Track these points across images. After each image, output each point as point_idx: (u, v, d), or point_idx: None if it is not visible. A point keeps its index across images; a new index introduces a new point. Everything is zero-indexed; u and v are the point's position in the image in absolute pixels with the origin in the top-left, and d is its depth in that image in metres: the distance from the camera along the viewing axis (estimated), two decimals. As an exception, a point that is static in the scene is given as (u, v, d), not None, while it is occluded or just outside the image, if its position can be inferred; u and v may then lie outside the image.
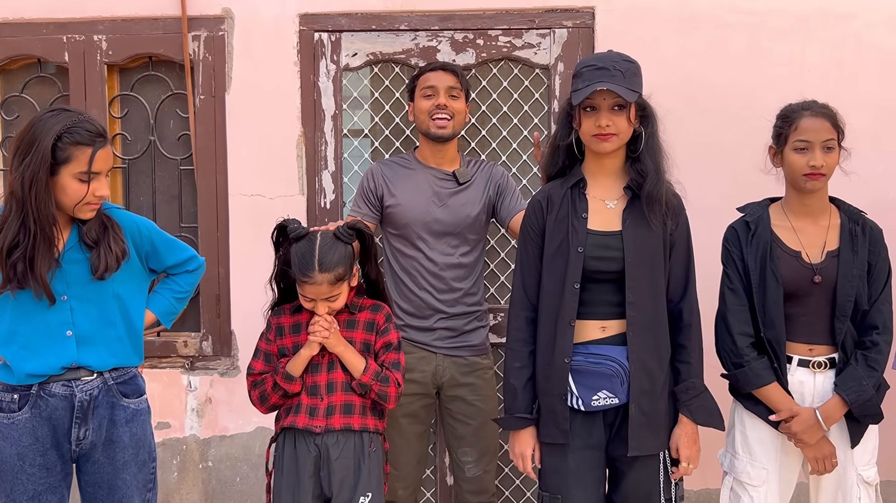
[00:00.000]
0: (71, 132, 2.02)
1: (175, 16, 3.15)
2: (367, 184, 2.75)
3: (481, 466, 2.77)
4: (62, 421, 2.14)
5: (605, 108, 2.12)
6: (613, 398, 2.15)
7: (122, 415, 2.20)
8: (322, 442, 2.30)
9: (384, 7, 3.12)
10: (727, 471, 2.45)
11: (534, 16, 3.10)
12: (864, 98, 3.02)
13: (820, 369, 2.34)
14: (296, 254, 2.27)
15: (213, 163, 3.19)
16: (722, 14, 3.06)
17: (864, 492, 2.35)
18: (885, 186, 3.02)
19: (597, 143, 2.16)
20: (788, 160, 2.36)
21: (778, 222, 2.40)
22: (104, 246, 2.13)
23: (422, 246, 2.69)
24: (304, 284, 2.26)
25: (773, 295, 2.33)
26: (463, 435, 2.75)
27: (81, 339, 2.15)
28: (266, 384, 2.34)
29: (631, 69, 2.16)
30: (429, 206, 2.69)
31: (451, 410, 2.76)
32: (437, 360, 2.71)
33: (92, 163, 2.04)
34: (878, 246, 2.37)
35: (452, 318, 2.71)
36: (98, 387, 2.18)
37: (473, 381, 2.73)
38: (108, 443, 2.19)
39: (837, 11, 3.03)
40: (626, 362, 2.15)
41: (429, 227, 2.68)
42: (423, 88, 2.69)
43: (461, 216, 2.70)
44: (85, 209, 2.09)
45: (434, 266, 2.68)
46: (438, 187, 2.71)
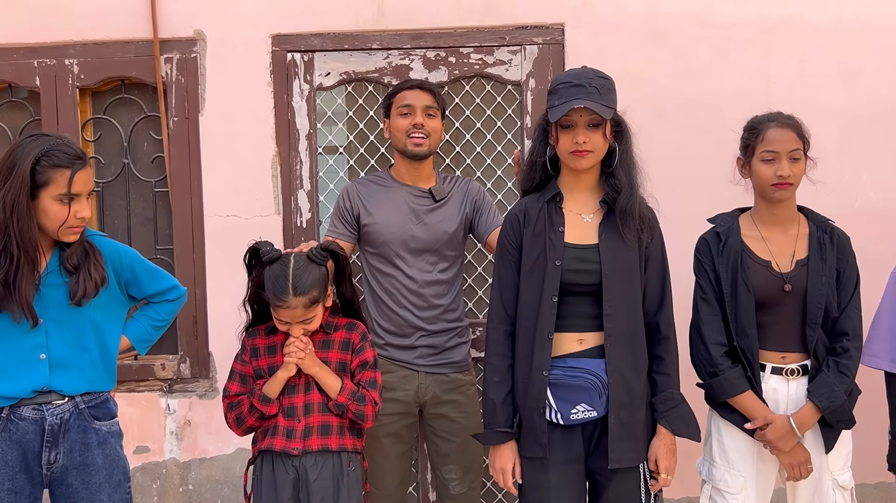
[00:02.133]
0: (49, 155, 2.04)
1: (147, 38, 3.16)
2: (343, 203, 2.75)
3: (466, 483, 2.76)
4: (32, 444, 2.14)
5: (582, 124, 2.15)
6: (592, 411, 2.17)
7: (95, 438, 2.20)
8: (300, 463, 2.30)
9: (356, 27, 3.14)
10: (705, 479, 2.48)
11: (504, 33, 3.14)
12: (828, 108, 3.08)
13: (793, 376, 2.37)
14: (269, 278, 2.27)
15: (187, 184, 3.19)
16: (688, 28, 3.12)
17: (840, 496, 2.38)
18: (851, 194, 3.09)
19: (574, 160, 2.18)
20: (756, 171, 2.40)
21: (748, 232, 2.44)
22: (84, 272, 2.14)
23: (400, 264, 2.69)
24: (279, 308, 2.25)
25: (744, 304, 2.36)
26: (447, 452, 2.75)
27: (55, 363, 2.15)
28: (242, 406, 2.33)
29: (606, 85, 2.19)
30: (406, 223, 2.69)
31: (435, 428, 2.76)
32: (419, 379, 2.71)
33: (71, 184, 2.06)
34: (845, 253, 2.42)
35: (433, 335, 2.71)
36: (69, 411, 2.18)
37: (456, 398, 2.74)
38: (81, 466, 2.18)
39: (800, 24, 3.10)
40: (604, 375, 2.17)
41: (406, 244, 2.69)
42: (399, 107, 2.68)
43: (439, 233, 2.70)
44: (68, 232, 2.10)
45: (413, 283, 2.68)
46: (415, 205, 2.71)
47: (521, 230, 2.25)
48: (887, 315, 2.50)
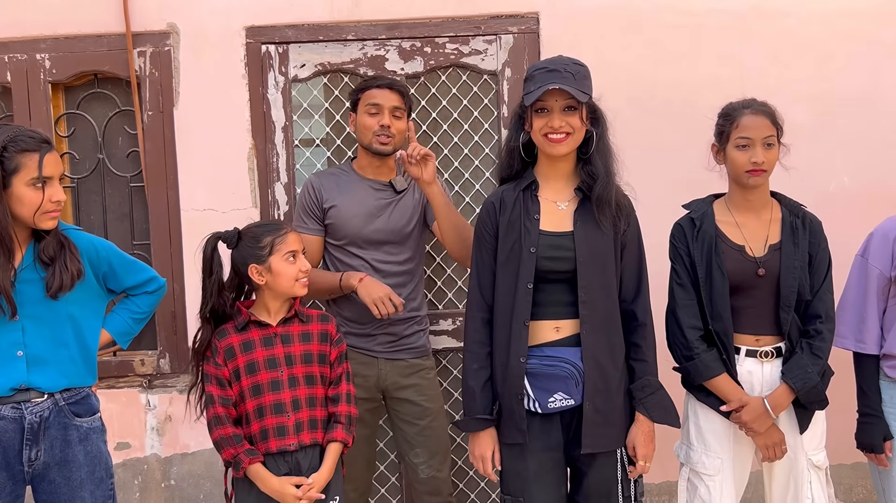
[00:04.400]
0: (15, 141, 2.05)
1: (119, 32, 3.13)
2: (308, 197, 2.76)
3: (434, 466, 2.78)
4: (12, 443, 2.13)
5: (557, 109, 2.17)
6: (569, 399, 2.19)
7: (76, 435, 2.20)
8: (292, 457, 2.31)
9: (331, 18, 3.13)
10: (683, 462, 2.51)
11: (479, 22, 3.14)
12: (802, 93, 3.11)
13: (767, 358, 2.40)
14: (256, 232, 2.32)
15: (163, 179, 3.17)
16: (663, 16, 3.13)
17: (815, 476, 2.42)
18: (824, 179, 3.13)
19: (549, 146, 2.20)
20: (731, 157, 2.42)
21: (722, 218, 2.46)
22: (60, 264, 2.13)
23: (362, 254, 2.72)
24: (286, 237, 2.30)
25: (719, 288, 2.38)
26: (412, 436, 2.78)
27: (32, 360, 2.14)
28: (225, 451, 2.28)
29: (581, 72, 2.22)
30: (368, 216, 2.71)
31: (399, 412, 2.79)
32: (379, 365, 2.74)
33: (42, 167, 2.06)
34: (818, 237, 2.45)
35: (394, 325, 2.73)
36: (49, 409, 2.17)
37: (417, 382, 2.77)
38: (62, 462, 2.18)
39: (773, 9, 3.13)
40: (581, 363, 2.19)
41: (368, 236, 2.71)
42: (367, 104, 2.69)
43: (399, 224, 2.73)
44: (45, 218, 2.10)
45: (375, 274, 2.70)
46: (376, 197, 2.74)
47: (496, 218, 2.27)
48: (852, 296, 2.56)
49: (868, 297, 2.53)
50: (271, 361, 2.29)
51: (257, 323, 2.32)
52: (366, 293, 2.61)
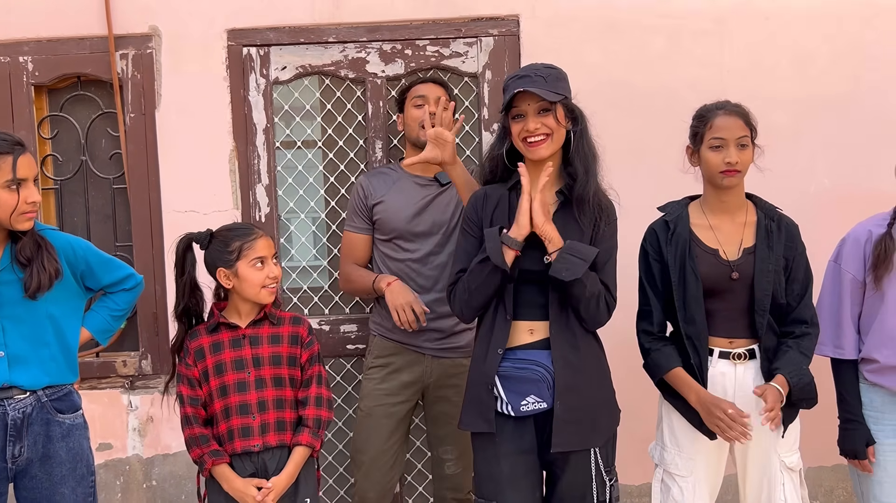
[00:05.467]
0: None
1: (102, 35, 3.15)
2: (357, 197, 2.87)
3: (461, 464, 2.85)
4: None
5: (532, 112, 2.20)
6: (542, 402, 2.21)
7: (58, 431, 2.23)
8: (259, 458, 2.33)
9: (312, 20, 3.15)
10: (657, 463, 2.52)
11: (460, 25, 3.15)
12: (782, 96, 3.13)
13: (740, 360, 2.41)
14: (226, 235, 2.33)
15: (145, 180, 3.19)
16: (642, 18, 3.15)
17: (788, 477, 2.43)
18: (804, 181, 3.14)
19: (529, 150, 2.23)
20: (705, 158, 2.43)
21: (696, 220, 2.47)
22: (37, 264, 2.16)
23: (410, 247, 2.79)
24: (256, 242, 2.30)
25: (692, 292, 2.39)
26: (445, 434, 2.84)
27: (13, 359, 2.18)
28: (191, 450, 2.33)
29: (553, 74, 2.25)
30: (414, 209, 2.79)
31: (436, 410, 2.86)
32: (425, 362, 2.80)
33: (16, 169, 2.09)
34: (794, 241, 2.45)
35: (441, 319, 2.77)
36: (31, 405, 2.20)
37: (458, 383, 2.78)
38: (44, 458, 2.21)
39: (752, 12, 3.14)
40: (552, 366, 2.20)
41: (414, 229, 2.78)
42: (413, 98, 2.82)
43: (446, 216, 2.79)
44: (21, 219, 2.13)
45: (422, 266, 2.78)
46: (422, 192, 2.81)
47: (481, 211, 2.31)
48: (827, 302, 2.57)
49: (843, 303, 2.54)
50: (238, 363, 2.31)
51: (227, 325, 2.34)
52: (391, 298, 2.68)
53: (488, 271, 2.19)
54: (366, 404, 2.82)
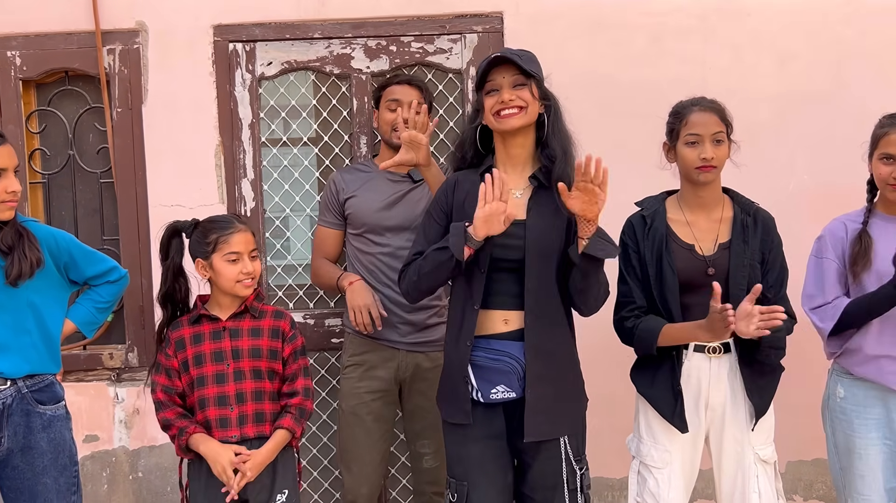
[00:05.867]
0: None
1: (89, 30, 3.19)
2: (329, 192, 2.91)
3: (439, 458, 2.87)
4: None
5: (507, 85, 2.22)
6: (511, 392, 2.24)
7: (39, 422, 2.27)
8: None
9: (297, 16, 3.18)
10: (634, 455, 2.55)
11: (444, 21, 3.18)
12: (763, 92, 3.16)
13: (715, 354, 2.43)
14: (205, 226, 2.37)
15: (132, 175, 3.22)
16: (625, 16, 3.17)
17: (762, 470, 2.45)
18: (785, 177, 3.17)
19: (501, 121, 2.23)
20: (681, 154, 2.45)
21: (673, 216, 2.50)
22: (18, 252, 2.21)
23: (381, 241, 2.82)
24: (232, 236, 2.33)
25: (669, 286, 2.42)
26: (422, 428, 2.87)
27: None
28: (170, 429, 2.38)
29: (527, 55, 2.28)
30: (385, 204, 2.83)
31: (412, 404, 2.88)
32: (399, 357, 2.82)
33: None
34: (770, 234, 2.47)
35: (414, 313, 2.81)
36: (11, 396, 2.24)
37: (433, 377, 2.79)
38: (25, 449, 2.26)
39: (734, 10, 3.17)
40: (523, 358, 2.23)
41: (385, 223, 2.82)
42: (387, 100, 2.83)
43: (417, 211, 2.81)
44: (2, 208, 2.18)
45: (393, 260, 2.80)
46: (394, 187, 2.85)
47: (451, 197, 2.32)
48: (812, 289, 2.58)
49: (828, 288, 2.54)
50: (217, 354, 2.35)
51: (209, 316, 2.37)
52: (350, 298, 2.72)
53: (444, 260, 2.19)
54: (348, 404, 2.84)
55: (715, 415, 2.46)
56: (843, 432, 2.57)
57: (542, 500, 2.30)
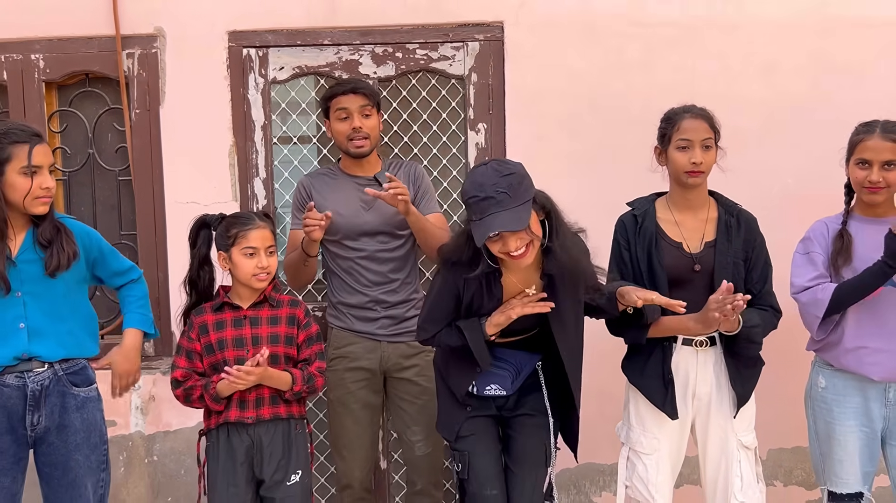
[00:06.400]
0: (7, 134, 2.28)
1: (109, 35, 3.33)
2: (301, 196, 2.95)
3: (430, 444, 2.96)
4: (17, 408, 2.36)
5: (507, 234, 2.21)
6: (502, 391, 2.51)
7: (73, 403, 2.42)
8: (254, 431, 2.52)
9: (308, 24, 3.33)
10: (623, 441, 2.71)
11: (448, 30, 3.33)
12: (750, 101, 3.29)
13: (702, 347, 2.59)
14: (229, 221, 2.53)
15: (149, 173, 3.37)
16: (620, 26, 3.31)
17: (744, 455, 2.61)
18: (770, 181, 3.29)
19: (515, 262, 2.29)
20: (672, 158, 2.60)
21: (662, 215, 2.64)
22: (56, 246, 2.37)
23: (356, 246, 2.89)
24: (250, 232, 2.48)
25: (658, 281, 2.56)
26: (410, 414, 2.95)
27: (33, 332, 2.37)
28: (193, 392, 2.51)
29: (513, 182, 2.19)
30: (357, 211, 2.89)
31: (399, 391, 2.96)
32: (381, 348, 2.92)
33: (31, 157, 2.29)
34: (752, 234, 2.62)
35: (393, 307, 2.92)
36: (49, 378, 2.39)
37: (417, 363, 2.94)
38: (60, 427, 2.41)
39: (723, 22, 3.31)
40: (520, 365, 2.50)
41: (360, 229, 2.88)
42: (336, 110, 2.86)
43: (388, 215, 2.88)
44: (35, 203, 2.32)
45: (371, 262, 2.89)
46: (363, 193, 2.88)
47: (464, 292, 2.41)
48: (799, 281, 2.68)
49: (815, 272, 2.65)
50: (238, 340, 2.50)
51: (231, 305, 2.53)
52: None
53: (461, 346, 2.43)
54: (335, 394, 2.93)
55: (701, 404, 2.61)
56: (823, 420, 2.71)
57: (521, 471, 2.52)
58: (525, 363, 2.53)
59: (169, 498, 3.44)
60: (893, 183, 2.59)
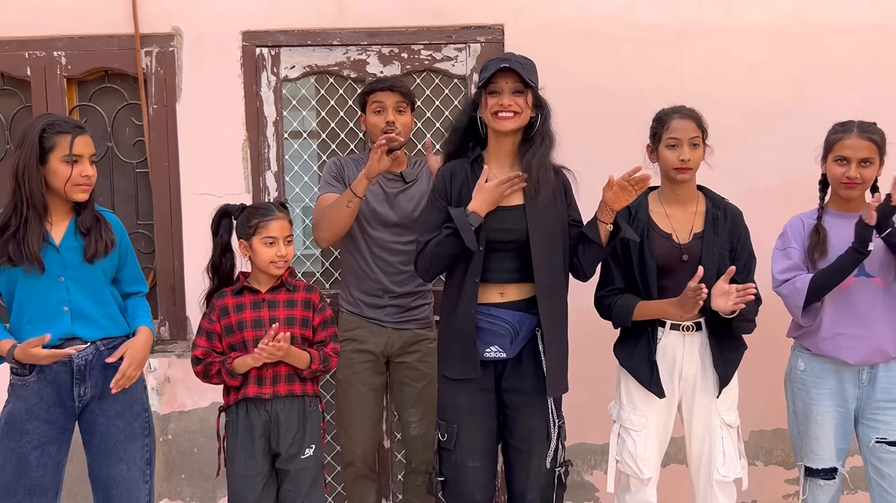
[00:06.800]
0: (53, 125, 2.46)
1: (128, 33, 3.47)
2: (334, 167, 3.09)
3: (424, 425, 3.13)
4: (64, 382, 2.53)
5: (507, 90, 2.53)
6: (502, 353, 2.58)
7: (114, 375, 2.58)
8: (271, 407, 2.68)
9: (318, 25, 3.48)
10: (615, 419, 2.87)
11: (451, 32, 3.50)
12: (734, 102, 3.44)
13: (689, 331, 2.75)
14: (249, 212, 2.68)
15: (165, 165, 3.52)
16: (613, 30, 3.48)
17: (727, 432, 2.78)
18: (753, 178, 3.45)
19: (497, 122, 2.54)
20: (662, 156, 2.77)
21: (654, 208, 2.81)
22: (95, 234, 2.54)
23: (374, 235, 3.05)
24: (270, 222, 2.65)
25: (649, 269, 2.74)
26: (409, 397, 3.12)
27: (75, 314, 2.54)
28: (212, 368, 2.68)
29: (529, 64, 2.57)
30: (379, 203, 3.05)
31: (400, 375, 3.13)
32: (387, 334, 3.09)
33: (73, 146, 2.46)
34: (738, 226, 2.80)
35: (400, 297, 3.08)
36: (92, 354, 2.56)
37: (418, 350, 3.12)
38: (102, 398, 2.59)
39: (710, 27, 3.47)
40: (517, 324, 2.57)
41: (380, 220, 3.05)
42: (373, 104, 3.03)
43: (407, 211, 3.06)
44: (76, 190, 2.49)
45: (384, 252, 3.05)
46: (388, 187, 3.07)
47: (449, 187, 2.61)
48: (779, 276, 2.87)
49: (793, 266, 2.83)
50: (257, 322, 2.67)
51: (250, 289, 2.71)
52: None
53: (452, 244, 2.52)
54: (343, 374, 3.07)
55: (687, 384, 2.78)
56: (801, 401, 2.89)
57: (529, 451, 2.63)
58: (523, 323, 2.58)
59: (183, 474, 3.60)
60: (868, 179, 2.78)
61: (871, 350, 2.78)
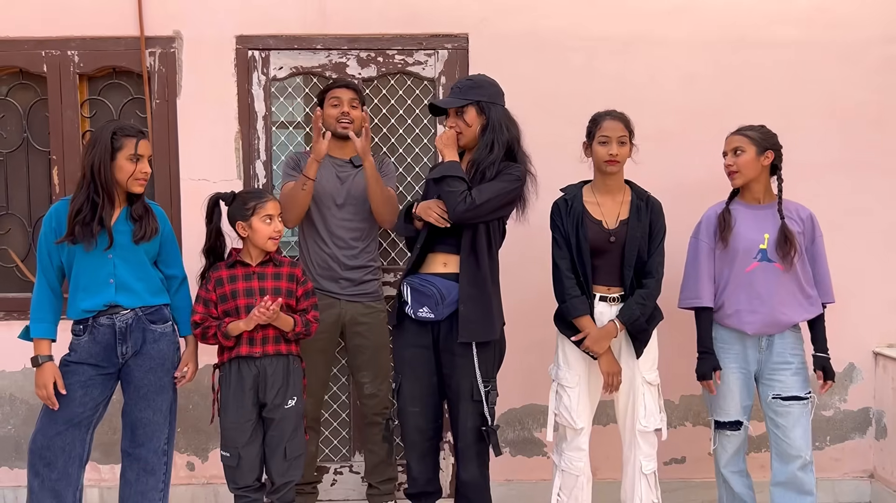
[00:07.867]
0: (122, 129, 2.95)
1: (135, 35, 3.82)
2: (291, 160, 3.52)
3: (375, 385, 3.57)
4: (109, 341, 3.00)
5: (452, 114, 3.08)
6: (431, 314, 3.02)
7: (151, 336, 3.05)
8: (260, 363, 3.07)
9: (303, 31, 3.85)
10: (553, 378, 3.30)
11: (422, 39, 3.89)
12: (670, 106, 3.83)
13: (614, 302, 3.18)
14: (245, 196, 3.07)
15: (167, 154, 3.89)
16: (565, 40, 3.85)
17: (648, 390, 3.20)
18: (683, 174, 3.80)
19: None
20: (595, 151, 3.18)
21: (587, 198, 3.21)
22: (144, 221, 3.01)
23: (328, 214, 3.46)
24: (266, 203, 3.05)
25: (583, 251, 3.14)
26: (361, 362, 3.57)
27: (119, 286, 3.00)
28: (209, 331, 3.07)
29: (469, 84, 3.05)
30: (333, 184, 3.47)
31: (352, 343, 3.55)
32: (341, 306, 3.51)
33: (137, 147, 2.94)
34: (657, 216, 3.20)
35: (352, 271, 3.49)
36: (132, 318, 3.02)
37: (369, 321, 3.56)
38: (140, 355, 3.05)
39: (651, 39, 3.85)
40: (445, 291, 2.98)
41: (333, 199, 3.46)
42: (330, 99, 3.49)
43: (357, 192, 3.48)
44: (135, 183, 2.97)
45: (338, 229, 3.45)
46: (340, 171, 3.51)
47: None
48: (689, 270, 3.32)
49: (701, 265, 3.27)
50: (248, 291, 3.09)
51: (242, 262, 3.13)
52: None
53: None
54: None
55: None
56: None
57: (457, 408, 3.04)
58: (449, 290, 2.96)
59: (179, 428, 3.97)
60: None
61: (767, 323, 3.22)
